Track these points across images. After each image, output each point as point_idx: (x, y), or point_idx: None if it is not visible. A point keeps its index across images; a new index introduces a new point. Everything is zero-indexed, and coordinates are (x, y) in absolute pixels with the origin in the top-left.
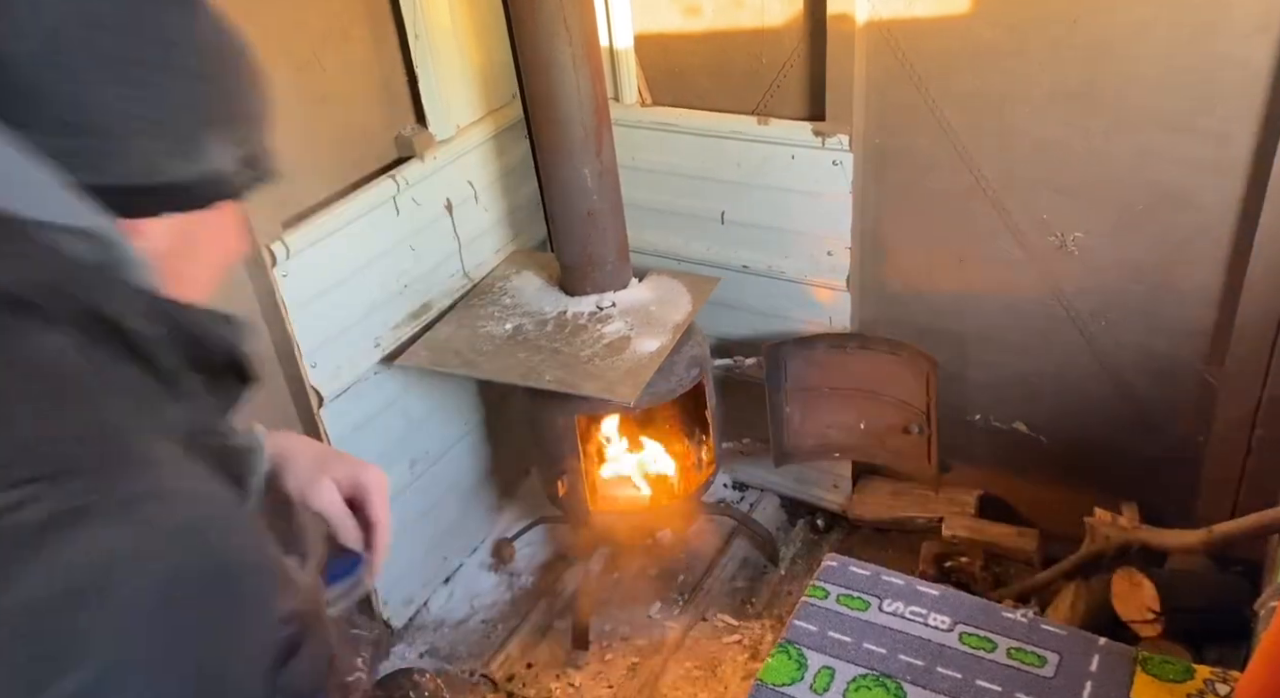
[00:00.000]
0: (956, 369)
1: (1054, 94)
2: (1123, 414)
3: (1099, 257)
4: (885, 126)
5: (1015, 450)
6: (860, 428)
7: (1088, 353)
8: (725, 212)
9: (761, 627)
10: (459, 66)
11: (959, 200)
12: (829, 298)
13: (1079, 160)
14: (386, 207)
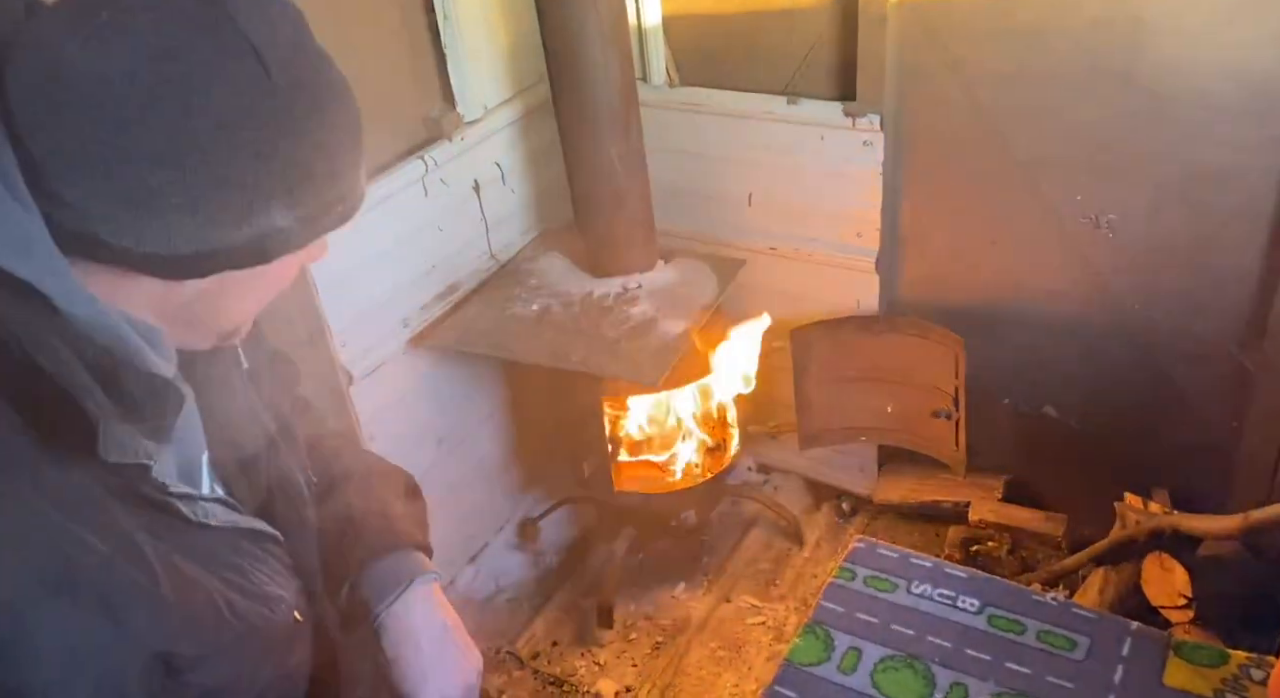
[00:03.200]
0: (986, 353)
1: (1090, 73)
2: (1156, 398)
3: (1134, 238)
4: (917, 107)
5: (1044, 435)
6: (887, 412)
7: (1121, 336)
8: (753, 193)
9: (786, 609)
10: (487, 47)
11: (991, 181)
12: (857, 280)
13: (1115, 140)
14: (415, 188)
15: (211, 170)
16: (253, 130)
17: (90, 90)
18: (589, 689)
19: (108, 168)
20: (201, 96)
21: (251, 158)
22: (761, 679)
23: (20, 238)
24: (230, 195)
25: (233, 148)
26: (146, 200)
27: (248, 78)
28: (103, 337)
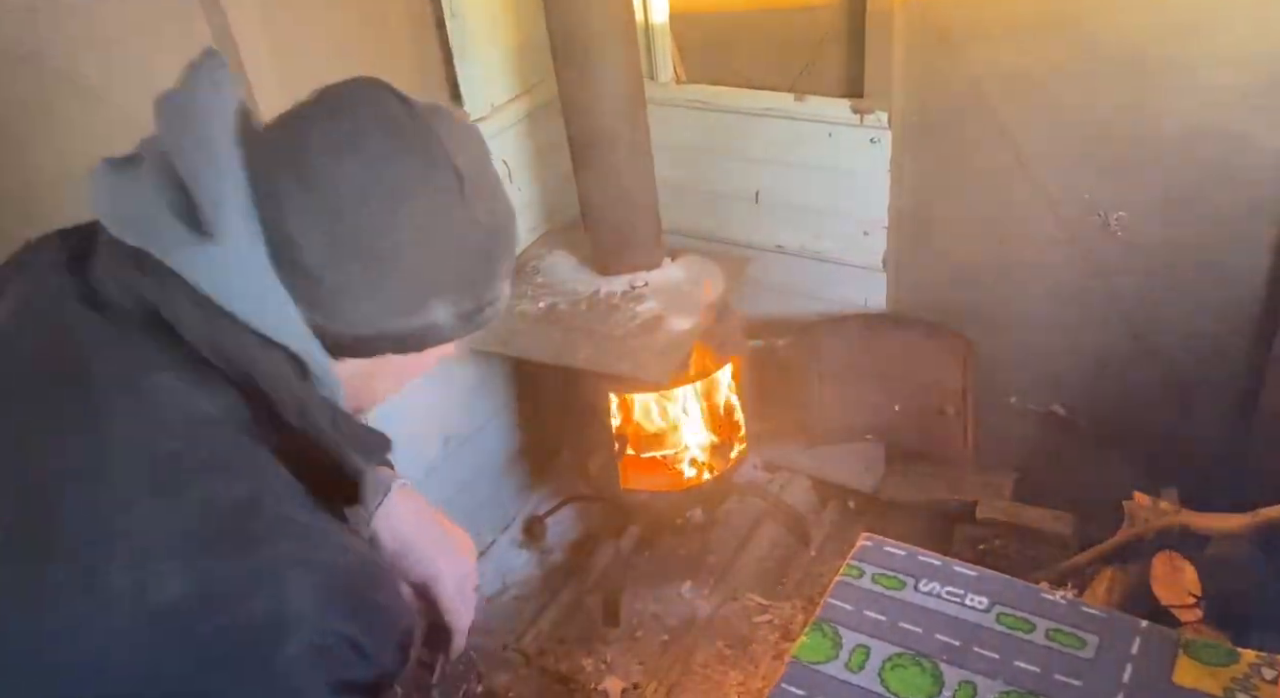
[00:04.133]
0: (993, 351)
1: (1100, 71)
2: (1164, 396)
3: (1144, 236)
4: (925, 103)
5: (1052, 433)
6: (895, 410)
7: (1129, 334)
8: (759, 191)
9: (792, 607)
10: (494, 44)
11: (999, 179)
12: (864, 278)
13: (1125, 138)
14: None
15: (402, 266)
16: (443, 235)
17: (326, 189)
18: (595, 687)
19: (323, 255)
20: (408, 202)
21: (436, 258)
22: (768, 678)
23: (283, 313)
24: (411, 289)
25: (424, 248)
26: (343, 284)
27: (445, 189)
28: (331, 397)
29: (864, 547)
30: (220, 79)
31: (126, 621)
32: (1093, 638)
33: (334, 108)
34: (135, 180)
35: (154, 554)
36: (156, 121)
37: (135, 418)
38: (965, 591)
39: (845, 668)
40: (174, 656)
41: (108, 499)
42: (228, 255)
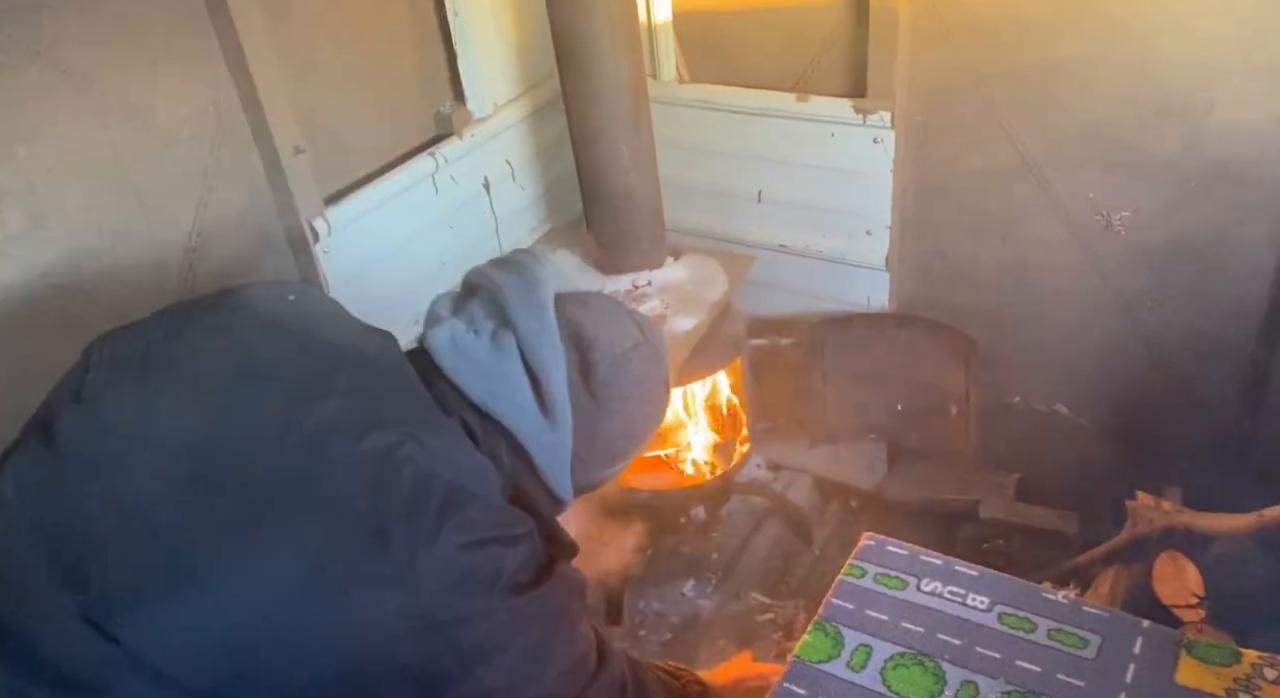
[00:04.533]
0: (996, 351)
1: (1105, 71)
2: (1168, 396)
3: (1147, 236)
4: (928, 103)
5: (1055, 433)
6: (898, 409)
7: (1133, 334)
8: (762, 190)
9: (795, 606)
10: (497, 43)
11: (1002, 179)
12: (867, 277)
13: (1129, 138)
14: (425, 184)
15: (639, 446)
16: (658, 426)
17: (611, 397)
18: None
19: (594, 444)
20: (656, 406)
21: (637, 439)
22: None
23: (566, 475)
24: (625, 458)
25: (637, 435)
26: (599, 462)
27: (667, 396)
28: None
29: (866, 546)
30: (553, 283)
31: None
32: (1095, 638)
33: (607, 328)
34: (502, 363)
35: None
36: (513, 305)
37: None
38: (967, 590)
39: (847, 667)
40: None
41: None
42: (560, 441)
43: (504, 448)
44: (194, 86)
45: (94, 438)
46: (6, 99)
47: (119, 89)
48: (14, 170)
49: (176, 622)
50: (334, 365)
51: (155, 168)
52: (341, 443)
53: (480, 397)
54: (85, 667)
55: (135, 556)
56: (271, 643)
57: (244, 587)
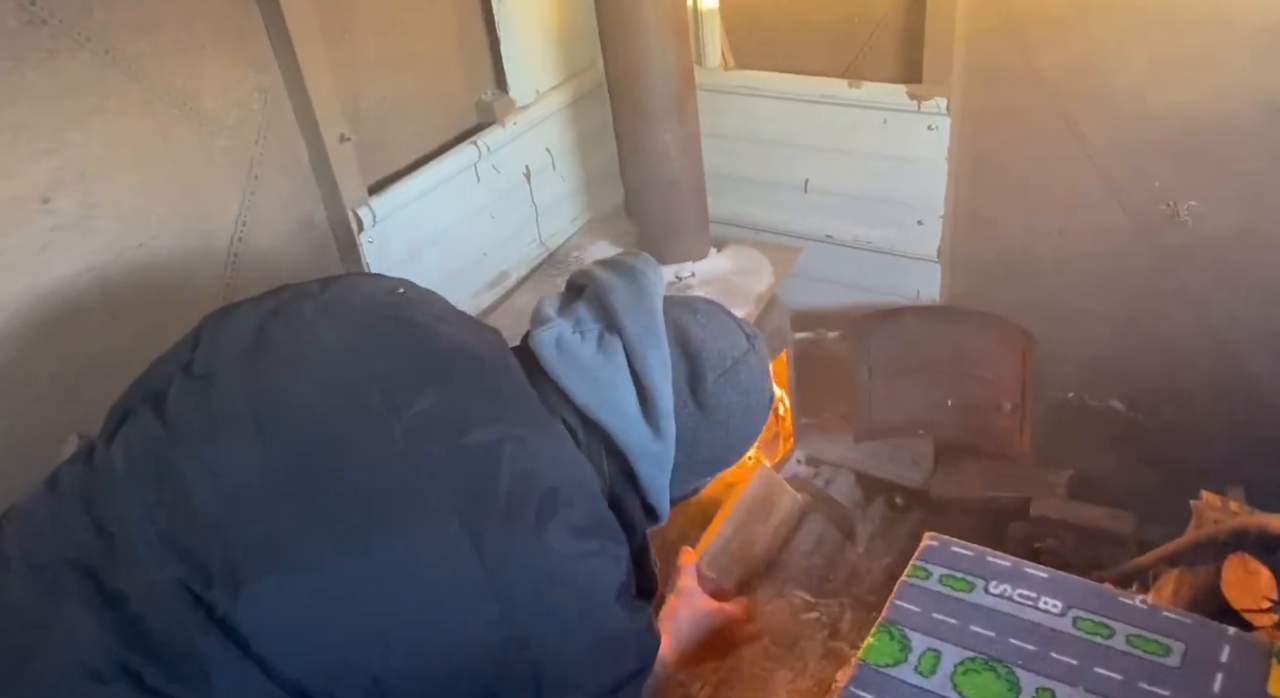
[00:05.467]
0: (1050, 345)
1: (1170, 54)
2: (1231, 392)
3: (1215, 226)
4: (985, 90)
5: (1110, 429)
6: (947, 405)
7: (1197, 328)
8: (809, 179)
9: (840, 605)
10: (539, 29)
11: (1062, 167)
12: (917, 269)
13: (1196, 124)
14: (467, 173)
15: (731, 454)
16: (755, 440)
17: (716, 410)
18: None
19: (695, 456)
20: (758, 418)
21: (736, 452)
22: (817, 676)
23: (665, 488)
24: (720, 469)
25: (737, 448)
26: (697, 472)
27: (765, 416)
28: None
29: (930, 547)
30: (662, 287)
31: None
32: (1178, 645)
33: (716, 337)
34: (608, 367)
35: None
36: (620, 310)
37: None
38: (1039, 593)
39: (915, 672)
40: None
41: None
42: (664, 454)
43: (604, 455)
44: (241, 72)
45: (203, 412)
46: (58, 86)
47: (167, 76)
48: (66, 158)
49: (273, 603)
50: (439, 358)
51: (202, 156)
52: (442, 436)
53: (585, 401)
54: (188, 640)
55: (238, 534)
56: (364, 634)
57: (340, 576)
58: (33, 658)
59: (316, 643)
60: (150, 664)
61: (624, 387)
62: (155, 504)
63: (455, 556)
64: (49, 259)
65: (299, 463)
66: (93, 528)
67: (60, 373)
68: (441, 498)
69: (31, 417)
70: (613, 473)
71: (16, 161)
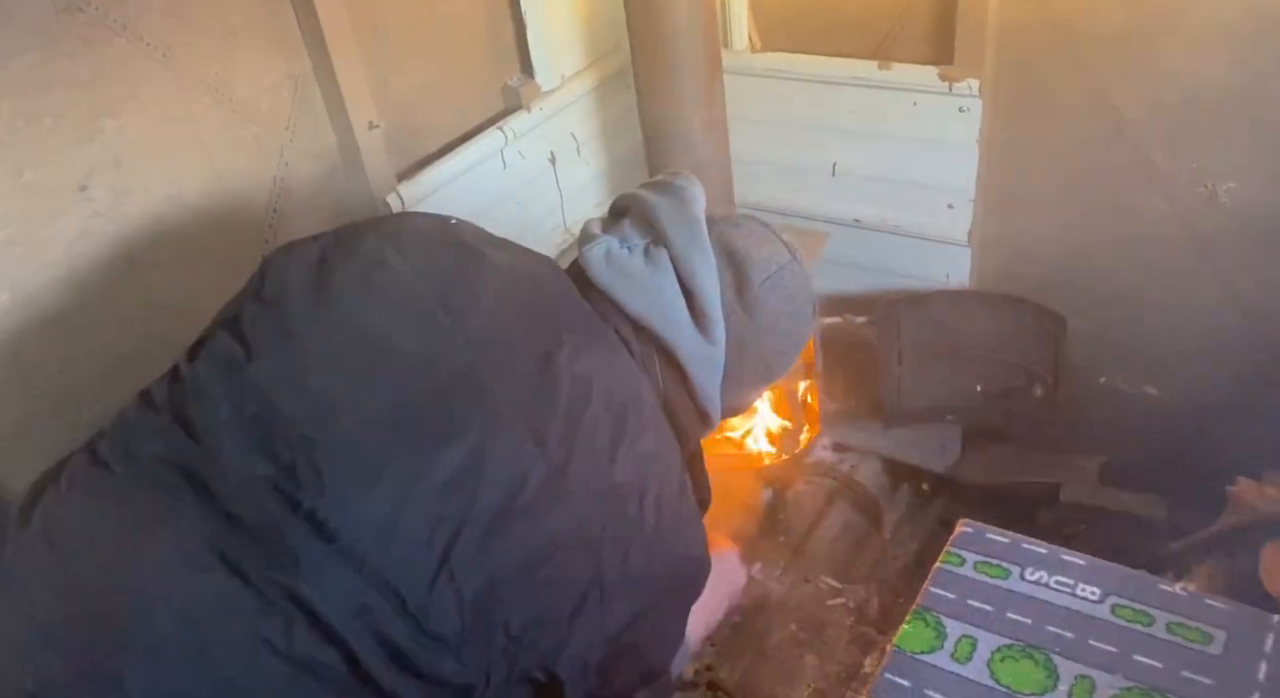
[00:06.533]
0: (1082, 329)
1: (1211, 32)
2: (1270, 377)
3: (1255, 208)
4: (1018, 70)
5: (1143, 415)
6: (977, 390)
7: (1234, 312)
8: (837, 163)
9: (867, 590)
10: (565, 13)
11: (1097, 149)
12: (947, 253)
13: (1238, 103)
14: (494, 159)
15: (783, 370)
16: (802, 344)
17: (760, 315)
18: None
19: (744, 362)
20: (801, 327)
21: (785, 360)
22: (844, 662)
23: (716, 394)
24: (768, 382)
25: (786, 355)
26: (747, 379)
27: (813, 316)
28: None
29: (964, 533)
30: (704, 201)
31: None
32: (1220, 633)
33: (760, 245)
34: (656, 276)
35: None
36: (666, 223)
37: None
38: (1076, 580)
39: (951, 659)
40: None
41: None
42: (714, 354)
43: (657, 363)
44: (272, 61)
45: (279, 330)
46: (94, 73)
47: (200, 64)
48: (102, 145)
49: (356, 498)
50: (496, 276)
51: (234, 143)
52: (504, 347)
53: (636, 310)
54: (278, 533)
55: (319, 440)
56: (437, 529)
57: (415, 473)
58: (139, 551)
59: (395, 534)
60: (246, 553)
61: (673, 294)
62: (240, 410)
63: (523, 455)
64: (86, 246)
65: (371, 370)
66: (184, 434)
67: (99, 363)
68: (508, 401)
69: (63, 413)
70: (666, 379)
71: (54, 149)
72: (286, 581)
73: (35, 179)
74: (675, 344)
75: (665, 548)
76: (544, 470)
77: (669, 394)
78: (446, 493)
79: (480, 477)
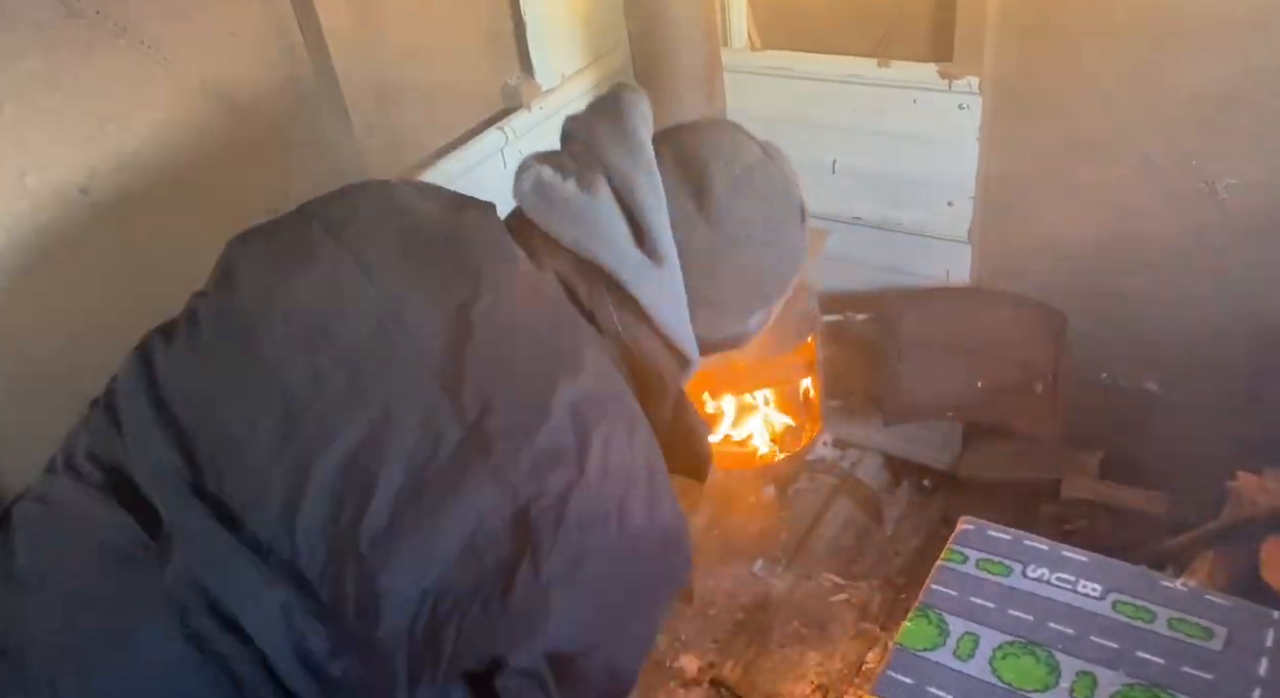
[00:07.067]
0: (1082, 326)
1: (1211, 27)
2: (1270, 372)
3: (1254, 205)
4: (1017, 67)
5: (1143, 410)
6: (977, 386)
7: (1234, 308)
8: (837, 160)
9: (869, 587)
10: (565, 12)
11: (1096, 145)
12: (947, 250)
13: (1237, 99)
14: (494, 159)
15: (761, 288)
16: (787, 260)
17: (727, 224)
18: (670, 664)
19: (713, 279)
20: (780, 234)
21: (777, 278)
22: (847, 658)
23: (683, 320)
24: (755, 302)
25: (775, 271)
26: (720, 302)
27: (796, 223)
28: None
29: (965, 531)
30: (648, 115)
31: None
32: (1220, 629)
33: (720, 148)
34: (594, 203)
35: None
36: (603, 143)
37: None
38: (1077, 577)
39: (954, 656)
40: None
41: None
42: (666, 277)
43: (609, 302)
44: (272, 61)
45: (228, 317)
46: (95, 76)
47: (200, 64)
48: (104, 148)
49: (257, 487)
50: (414, 235)
51: (235, 145)
52: (414, 307)
53: (572, 238)
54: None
55: (221, 427)
56: (346, 513)
57: (313, 458)
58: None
59: (297, 516)
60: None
61: (611, 216)
62: (156, 401)
63: (432, 418)
64: (89, 251)
65: (287, 345)
66: (112, 429)
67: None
68: (417, 363)
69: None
70: (626, 319)
71: (56, 152)
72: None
73: (38, 181)
74: (619, 271)
75: (615, 511)
76: (458, 432)
77: (632, 336)
78: (351, 466)
79: (385, 446)
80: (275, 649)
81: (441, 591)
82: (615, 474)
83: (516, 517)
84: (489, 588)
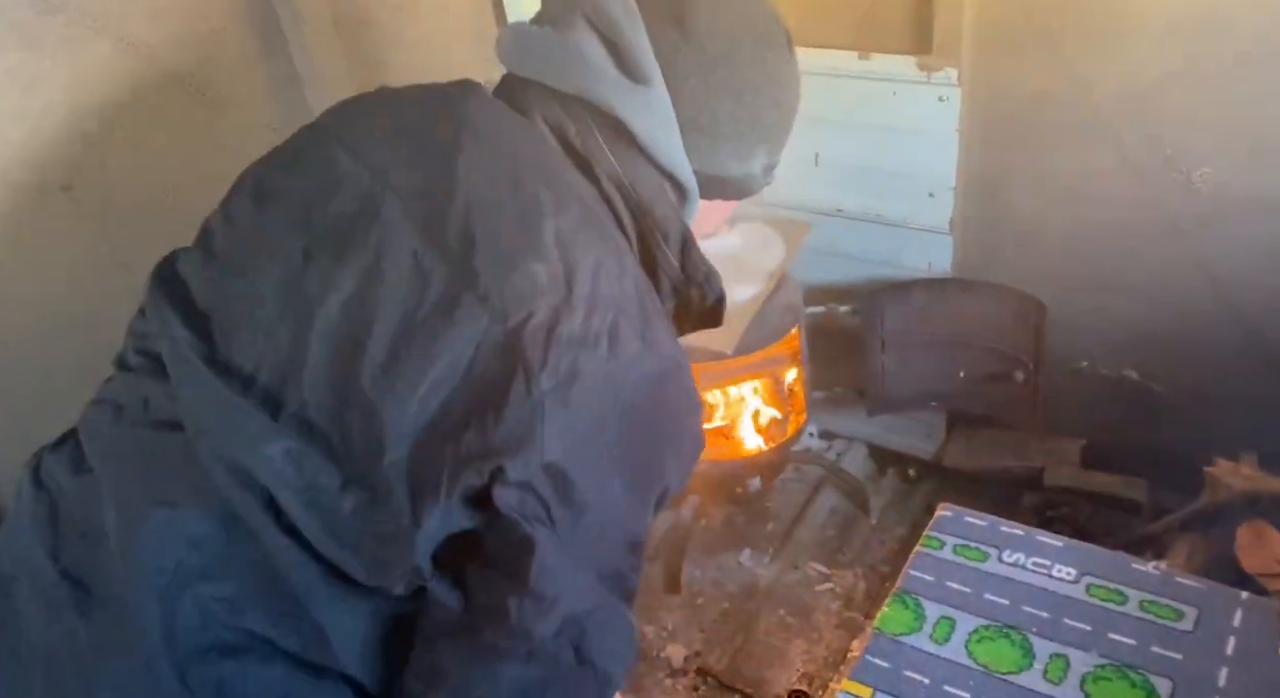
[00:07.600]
0: (1063, 315)
1: (1180, 19)
2: (1246, 359)
3: (1229, 193)
4: (995, 59)
5: (1123, 398)
6: (960, 376)
7: (1211, 296)
8: (819, 153)
9: (854, 576)
10: None
11: (1073, 136)
12: (929, 242)
13: (1209, 90)
14: None
15: (755, 111)
16: (783, 87)
17: (705, 40)
18: (658, 654)
19: (701, 99)
20: (768, 52)
21: (773, 107)
22: (832, 646)
23: (676, 146)
24: (752, 135)
25: (769, 96)
26: (711, 126)
27: (785, 46)
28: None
29: (943, 517)
30: None
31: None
32: (1190, 610)
33: None
34: (571, 36)
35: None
36: None
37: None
38: (1052, 561)
39: (930, 640)
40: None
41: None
42: (652, 97)
43: (601, 140)
44: (256, 59)
45: (233, 214)
46: (79, 75)
47: (183, 62)
48: (86, 147)
49: (264, 341)
50: (397, 111)
51: (219, 143)
52: (398, 164)
53: (552, 75)
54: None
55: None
56: (344, 355)
57: (314, 302)
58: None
59: (301, 364)
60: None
61: (587, 44)
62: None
63: (421, 262)
64: (71, 249)
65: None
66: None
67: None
68: (404, 211)
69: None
70: (620, 155)
71: (38, 150)
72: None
73: (20, 179)
74: (606, 99)
75: (606, 334)
76: (445, 270)
77: (631, 174)
78: (347, 314)
79: (377, 292)
80: (284, 487)
81: (441, 416)
82: (604, 300)
83: (508, 340)
84: (484, 407)
